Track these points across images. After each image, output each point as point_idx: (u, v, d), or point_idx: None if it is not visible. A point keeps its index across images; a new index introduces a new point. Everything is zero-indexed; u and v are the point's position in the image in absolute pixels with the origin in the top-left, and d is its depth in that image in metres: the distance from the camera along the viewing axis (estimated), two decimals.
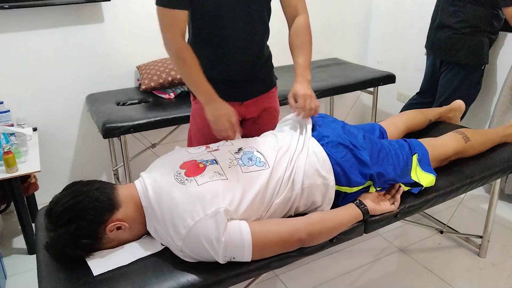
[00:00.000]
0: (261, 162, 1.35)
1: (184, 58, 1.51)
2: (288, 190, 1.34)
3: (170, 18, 1.46)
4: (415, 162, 1.60)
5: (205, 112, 1.54)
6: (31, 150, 2.25)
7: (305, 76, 1.58)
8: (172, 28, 1.47)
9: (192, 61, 1.51)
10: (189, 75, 1.53)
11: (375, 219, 1.45)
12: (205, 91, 1.54)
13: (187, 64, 1.51)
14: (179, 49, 1.50)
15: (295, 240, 1.26)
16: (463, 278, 2.01)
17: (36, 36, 2.43)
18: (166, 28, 1.48)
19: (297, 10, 1.62)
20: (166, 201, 1.20)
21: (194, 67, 1.52)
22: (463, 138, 1.78)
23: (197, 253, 1.17)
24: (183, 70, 1.53)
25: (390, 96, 3.51)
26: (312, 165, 1.40)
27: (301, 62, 1.59)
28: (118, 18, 2.61)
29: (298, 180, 1.35)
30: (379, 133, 1.79)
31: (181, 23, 1.48)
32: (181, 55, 1.50)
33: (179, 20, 1.47)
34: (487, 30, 2.38)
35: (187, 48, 1.51)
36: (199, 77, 1.53)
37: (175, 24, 1.47)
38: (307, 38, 1.61)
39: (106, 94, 2.62)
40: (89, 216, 1.16)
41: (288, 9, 1.63)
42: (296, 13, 1.62)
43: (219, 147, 1.42)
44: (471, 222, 2.42)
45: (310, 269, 2.08)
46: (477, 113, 2.81)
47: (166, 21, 1.47)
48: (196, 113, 1.73)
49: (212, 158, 1.34)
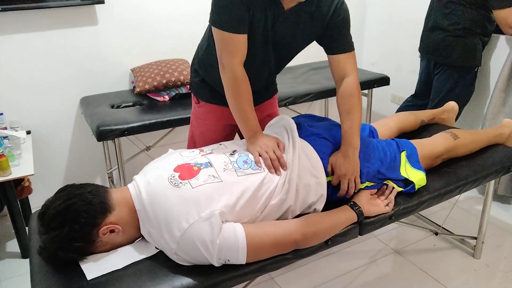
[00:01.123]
0: (256, 166, 1.35)
1: (238, 88, 1.45)
2: (284, 193, 1.34)
3: (233, 43, 1.40)
4: (404, 159, 1.62)
5: (247, 147, 1.45)
6: (25, 153, 2.23)
7: (352, 145, 1.48)
8: (234, 54, 1.42)
9: (247, 93, 1.46)
10: (240, 107, 1.47)
11: (370, 221, 1.45)
12: (251, 127, 1.47)
13: (240, 94, 1.45)
14: (237, 77, 1.44)
15: (290, 242, 1.26)
16: (458, 279, 2.01)
17: (30, 38, 2.42)
18: (228, 53, 1.42)
19: (345, 71, 1.54)
20: (160, 204, 1.19)
21: (246, 100, 1.46)
22: (451, 136, 1.80)
23: (192, 256, 1.17)
24: (235, 99, 1.46)
25: (385, 98, 3.52)
26: (304, 167, 1.41)
27: (347, 128, 1.50)
28: (112, 21, 2.60)
29: (292, 182, 1.36)
30: (369, 132, 1.81)
31: (243, 48, 1.43)
32: (237, 83, 1.44)
33: (241, 46, 1.42)
34: (480, 32, 2.39)
35: (245, 78, 1.46)
36: (249, 111, 1.47)
37: (238, 50, 1.42)
38: (355, 102, 1.52)
39: (100, 96, 2.61)
40: (82, 219, 1.16)
41: (337, 69, 1.55)
42: (345, 74, 1.54)
43: (213, 150, 1.41)
44: (465, 223, 2.43)
45: (305, 271, 2.07)
46: (470, 115, 2.83)
47: (228, 46, 1.41)
48: (199, 117, 1.72)
49: (206, 161, 1.33)
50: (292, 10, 1.42)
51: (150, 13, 2.70)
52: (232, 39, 1.40)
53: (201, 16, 2.80)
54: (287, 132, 1.52)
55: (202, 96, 1.71)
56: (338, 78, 1.56)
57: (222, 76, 1.47)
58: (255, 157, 1.37)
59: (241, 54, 1.43)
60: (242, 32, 1.40)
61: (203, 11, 2.80)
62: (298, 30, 1.47)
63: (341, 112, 1.54)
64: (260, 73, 1.59)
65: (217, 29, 1.40)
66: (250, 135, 1.46)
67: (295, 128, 1.52)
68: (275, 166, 1.36)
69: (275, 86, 1.81)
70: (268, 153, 1.38)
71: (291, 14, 1.43)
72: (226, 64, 1.43)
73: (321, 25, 1.49)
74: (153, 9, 2.69)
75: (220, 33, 1.40)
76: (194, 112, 1.77)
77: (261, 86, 1.69)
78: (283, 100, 2.62)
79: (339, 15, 1.48)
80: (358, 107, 1.53)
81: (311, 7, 1.44)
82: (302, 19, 1.45)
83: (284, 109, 3.25)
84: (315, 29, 1.49)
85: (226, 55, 1.42)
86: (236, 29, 1.38)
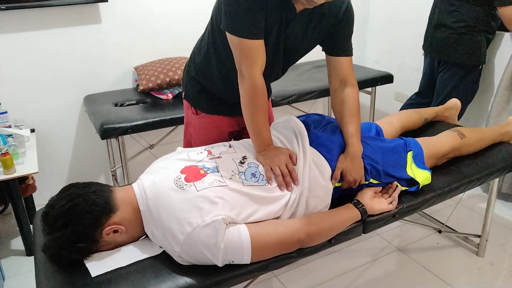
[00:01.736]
0: (263, 181, 1.32)
1: (256, 98, 1.39)
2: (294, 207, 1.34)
3: (252, 50, 1.34)
4: (410, 159, 1.61)
5: (258, 159, 1.40)
6: (29, 151, 2.24)
7: (359, 148, 1.48)
8: (255, 62, 1.35)
9: (263, 104, 1.40)
10: (255, 119, 1.40)
11: (373, 219, 1.45)
12: (263, 141, 1.41)
13: (257, 106, 1.39)
14: (257, 87, 1.37)
15: (294, 241, 1.26)
16: (461, 277, 2.01)
17: (33, 37, 2.42)
18: (248, 61, 1.35)
19: (347, 75, 1.53)
20: (164, 205, 1.19)
21: (262, 112, 1.40)
22: (458, 135, 1.79)
23: (196, 258, 1.17)
24: (251, 110, 1.40)
25: (388, 95, 3.51)
26: (315, 178, 1.39)
27: (353, 131, 1.50)
28: (116, 19, 2.60)
29: (302, 197, 1.35)
30: (375, 132, 1.80)
31: (263, 55, 1.37)
32: (255, 94, 1.38)
33: (261, 53, 1.36)
34: (484, 29, 2.38)
35: (264, 89, 1.40)
36: (264, 124, 1.41)
37: (258, 58, 1.36)
38: (358, 105, 1.54)
39: (104, 95, 2.61)
40: (85, 220, 1.15)
41: (337, 71, 1.53)
42: (346, 77, 1.53)
43: (221, 154, 1.38)
44: (469, 222, 2.42)
45: (308, 269, 2.07)
46: (474, 113, 2.82)
47: (248, 54, 1.34)
48: (200, 128, 1.67)
49: (214, 165, 1.31)
50: (304, 13, 1.39)
51: (153, 11, 2.70)
52: (252, 46, 1.34)
53: (204, 14, 2.80)
54: (297, 138, 1.50)
55: (202, 107, 1.64)
56: (338, 79, 1.54)
57: (240, 86, 1.40)
58: (267, 172, 1.33)
59: (261, 61, 1.37)
60: (260, 38, 1.34)
61: (206, 10, 2.80)
62: (308, 32, 1.45)
63: (344, 114, 1.53)
64: (268, 77, 1.56)
65: (234, 36, 1.33)
66: (262, 149, 1.41)
67: (305, 133, 1.49)
68: (287, 182, 1.33)
69: (270, 88, 1.79)
70: (280, 167, 1.34)
71: (303, 17, 1.40)
72: (245, 73, 1.36)
73: (329, 27, 1.47)
74: (156, 7, 2.69)
75: (239, 41, 1.33)
76: (193, 123, 1.70)
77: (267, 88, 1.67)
78: (286, 98, 2.62)
79: (347, 17, 1.46)
80: (359, 110, 1.55)
81: (324, 8, 1.40)
82: (312, 21, 1.43)
83: (287, 107, 3.25)
84: (324, 30, 1.47)
85: (246, 64, 1.35)
86: (255, 35, 1.33)
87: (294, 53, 1.52)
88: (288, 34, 1.42)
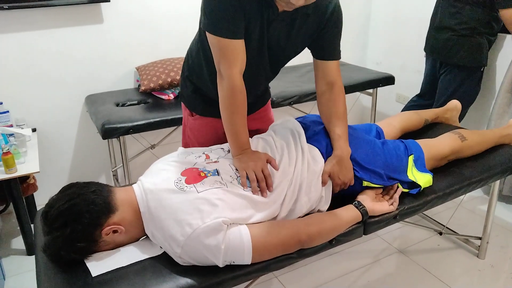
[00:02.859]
0: None
1: (235, 99, 1.36)
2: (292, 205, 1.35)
3: (231, 50, 1.32)
4: (411, 162, 1.61)
5: (234, 163, 1.38)
6: (30, 150, 2.25)
7: (346, 150, 1.47)
8: (234, 62, 1.33)
9: (242, 106, 1.38)
10: (233, 120, 1.38)
11: (374, 220, 1.45)
12: (240, 143, 1.39)
13: (236, 107, 1.37)
14: (235, 88, 1.35)
15: (295, 242, 1.26)
16: (462, 279, 2.01)
17: (35, 36, 2.43)
18: (226, 61, 1.33)
19: (334, 78, 1.52)
20: (164, 207, 1.19)
21: (241, 114, 1.38)
22: (459, 138, 1.78)
23: (196, 259, 1.17)
24: (229, 111, 1.38)
25: (389, 97, 3.51)
26: (313, 174, 1.40)
27: (339, 133, 1.49)
28: (118, 19, 2.61)
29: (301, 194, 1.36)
30: (376, 133, 1.80)
31: (242, 55, 1.35)
32: (234, 95, 1.35)
33: (240, 53, 1.34)
34: (486, 32, 2.38)
35: (243, 90, 1.37)
36: (241, 126, 1.39)
37: (237, 58, 1.33)
38: (345, 107, 1.54)
39: (106, 95, 2.62)
40: (85, 220, 1.15)
41: (324, 74, 1.52)
42: (333, 80, 1.52)
43: (219, 159, 1.39)
44: (470, 224, 2.42)
45: (309, 271, 2.07)
46: (475, 115, 2.81)
47: (227, 54, 1.32)
48: (196, 130, 1.67)
49: (214, 168, 1.32)
50: (287, 13, 1.36)
51: (155, 12, 2.70)
52: (231, 46, 1.31)
53: None
54: (294, 136, 1.50)
55: (196, 109, 1.63)
56: (325, 82, 1.53)
57: (219, 86, 1.38)
58: (242, 178, 1.30)
59: (241, 62, 1.35)
60: (240, 38, 1.32)
61: None
62: (293, 32, 1.42)
63: (331, 116, 1.52)
64: (258, 78, 1.55)
65: (213, 35, 1.32)
66: (239, 152, 1.38)
67: (302, 131, 1.50)
68: (262, 188, 1.30)
69: (269, 91, 1.78)
70: (256, 173, 1.30)
71: (286, 17, 1.37)
72: (224, 73, 1.35)
73: (316, 28, 1.45)
74: (158, 7, 2.70)
75: (217, 40, 1.31)
76: (189, 125, 1.68)
77: (260, 91, 1.65)
78: (287, 99, 2.62)
79: (335, 19, 1.44)
80: (346, 113, 1.54)
81: (308, 9, 1.38)
82: (297, 21, 1.40)
83: (288, 108, 3.25)
84: (310, 31, 1.45)
85: (225, 64, 1.33)
86: (234, 34, 1.30)
87: (280, 54, 1.49)
88: (271, 34, 1.40)
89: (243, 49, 1.35)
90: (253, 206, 1.27)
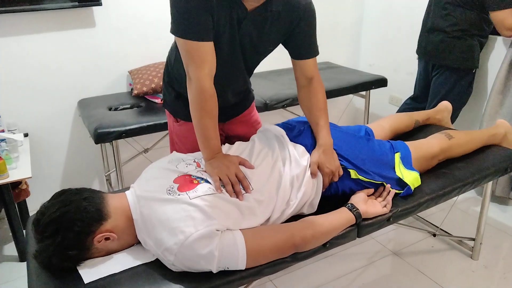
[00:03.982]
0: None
1: (205, 103, 1.34)
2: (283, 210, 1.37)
3: (199, 52, 1.31)
4: (398, 159, 1.63)
5: (206, 168, 1.37)
6: (22, 156, 2.23)
7: (330, 140, 1.51)
8: (201, 65, 1.32)
9: (213, 110, 1.36)
10: (203, 124, 1.36)
11: (368, 223, 1.45)
12: (212, 147, 1.37)
13: (206, 110, 1.35)
14: (204, 91, 1.33)
15: (289, 246, 1.26)
16: (456, 280, 2.01)
17: (27, 41, 2.41)
18: (194, 64, 1.32)
19: (312, 73, 1.55)
20: (157, 214, 1.18)
21: (211, 117, 1.37)
22: (446, 136, 1.81)
23: (190, 267, 1.16)
24: (200, 115, 1.36)
25: (382, 99, 3.52)
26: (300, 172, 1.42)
27: (322, 124, 1.53)
28: (110, 23, 2.60)
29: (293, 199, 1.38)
30: (365, 133, 1.81)
31: (211, 58, 1.33)
32: (204, 98, 1.34)
33: (208, 55, 1.32)
34: (477, 33, 2.40)
35: (213, 93, 1.35)
36: (212, 130, 1.37)
37: (205, 60, 1.32)
38: (324, 99, 1.57)
39: (98, 99, 2.60)
40: (76, 228, 1.14)
41: (303, 72, 1.55)
42: (311, 75, 1.55)
43: None
44: (463, 225, 2.43)
45: (303, 274, 2.07)
46: (468, 116, 2.83)
47: (194, 56, 1.31)
48: (182, 136, 1.66)
49: (205, 177, 1.32)
50: (256, 11, 1.36)
51: (148, 16, 2.69)
52: (198, 48, 1.30)
53: None
54: (278, 139, 1.53)
55: (180, 115, 1.63)
56: (304, 78, 1.57)
57: (188, 89, 1.36)
58: (215, 182, 1.29)
59: (209, 64, 1.33)
60: (207, 40, 1.31)
61: None
62: (264, 31, 1.42)
63: (312, 108, 1.56)
64: (234, 77, 1.54)
65: (181, 38, 1.31)
66: (211, 156, 1.37)
67: (284, 133, 1.54)
68: (237, 192, 1.29)
69: (252, 93, 1.78)
70: (229, 177, 1.30)
71: (256, 15, 1.36)
72: (192, 76, 1.33)
73: (289, 25, 1.44)
74: (150, 11, 2.69)
75: (184, 43, 1.31)
76: (175, 131, 1.68)
77: (240, 91, 1.65)
78: (281, 101, 2.62)
79: (307, 15, 1.44)
80: (326, 105, 1.58)
81: (278, 7, 1.37)
82: (268, 20, 1.40)
83: (282, 111, 3.26)
84: (282, 29, 1.45)
85: (193, 66, 1.32)
86: (201, 36, 1.29)
87: (253, 52, 1.49)
88: (243, 33, 1.40)
89: (211, 52, 1.33)
90: (245, 211, 1.27)
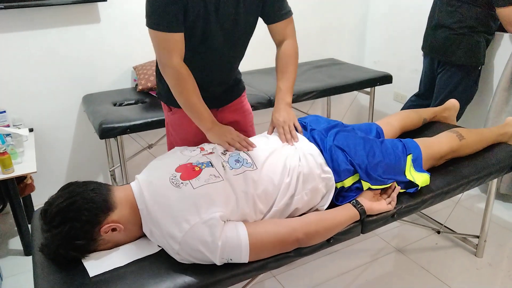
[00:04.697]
0: (248, 163, 1.35)
1: (185, 83, 1.45)
2: (289, 197, 1.35)
3: (169, 41, 1.40)
4: (409, 162, 1.61)
5: (208, 137, 1.50)
6: (27, 151, 2.24)
7: (284, 100, 1.58)
8: (172, 51, 1.41)
9: (194, 88, 1.47)
10: (190, 102, 1.47)
11: (372, 219, 1.45)
12: (206, 119, 1.49)
13: (188, 90, 1.45)
14: (180, 73, 1.43)
15: (292, 241, 1.26)
16: (460, 278, 2.01)
17: (32, 36, 2.42)
18: (166, 51, 1.41)
19: (285, 36, 1.61)
20: (161, 204, 1.20)
21: (195, 94, 1.47)
22: (457, 137, 1.78)
23: (194, 256, 1.17)
24: (184, 95, 1.47)
25: (387, 96, 3.51)
26: (310, 169, 1.41)
27: (281, 86, 1.60)
28: (115, 18, 2.60)
29: (299, 186, 1.37)
30: (376, 133, 1.79)
31: (181, 45, 1.43)
32: (182, 79, 1.44)
33: (178, 43, 1.41)
34: (483, 30, 2.38)
35: (189, 73, 1.46)
36: (200, 104, 1.48)
37: (175, 47, 1.41)
38: (291, 62, 1.61)
39: (103, 94, 2.61)
40: (83, 217, 1.16)
41: (277, 35, 1.61)
42: (284, 38, 1.61)
43: (213, 150, 1.41)
44: (468, 222, 2.42)
45: (307, 270, 2.07)
46: (473, 113, 2.82)
47: (164, 44, 1.41)
48: (176, 124, 1.70)
49: (207, 160, 1.34)
50: None
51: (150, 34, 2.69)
52: (168, 38, 1.39)
53: None
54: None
55: (173, 102, 1.63)
56: (278, 42, 1.63)
57: (165, 77, 1.46)
58: (224, 144, 1.43)
59: (179, 50, 1.42)
60: (177, 31, 1.39)
61: None
62: (240, 8, 1.47)
63: (278, 71, 1.62)
64: (224, 64, 1.59)
65: (153, 30, 1.39)
66: (209, 127, 1.49)
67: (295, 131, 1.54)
68: (245, 146, 1.42)
69: (243, 83, 1.80)
70: (233, 137, 1.45)
71: None
72: (166, 62, 1.42)
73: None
74: None
75: (155, 34, 1.39)
76: (169, 121, 1.73)
77: (229, 78, 1.68)
78: None
79: None
80: (294, 67, 1.61)
81: None
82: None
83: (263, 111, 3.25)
84: (256, 1, 1.50)
85: (164, 54, 1.41)
86: (171, 28, 1.37)
87: (237, 32, 1.53)
88: (221, 15, 1.45)
89: (181, 41, 1.42)
90: (249, 198, 1.28)
